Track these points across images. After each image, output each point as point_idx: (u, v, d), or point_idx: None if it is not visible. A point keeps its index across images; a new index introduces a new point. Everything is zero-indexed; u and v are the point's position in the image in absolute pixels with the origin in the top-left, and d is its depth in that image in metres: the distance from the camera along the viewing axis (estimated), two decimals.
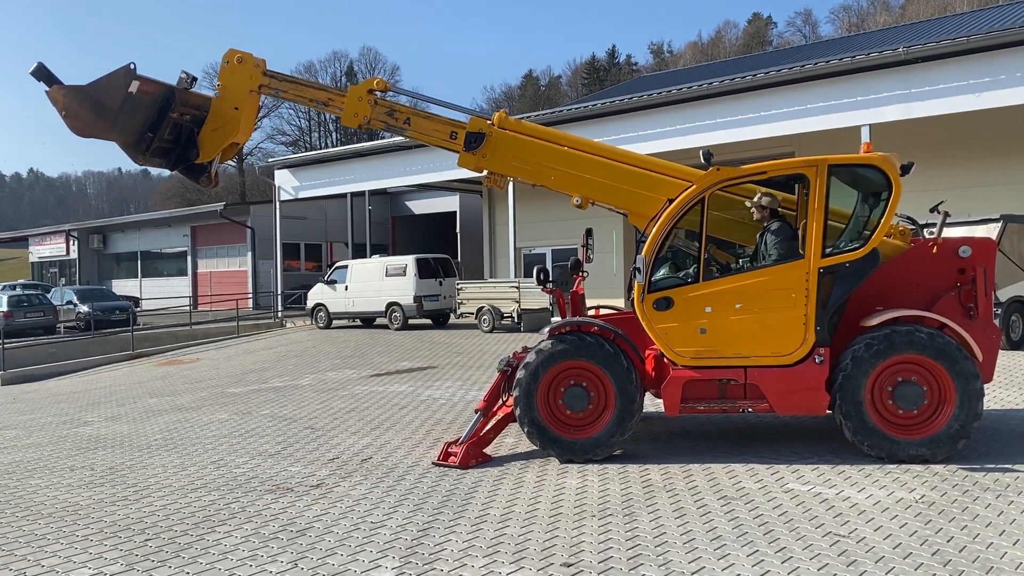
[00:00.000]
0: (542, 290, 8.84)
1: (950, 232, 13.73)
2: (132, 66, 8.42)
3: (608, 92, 44.21)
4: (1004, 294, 13.98)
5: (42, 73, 8.48)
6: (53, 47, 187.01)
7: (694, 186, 7.72)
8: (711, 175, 7.66)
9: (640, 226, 8.42)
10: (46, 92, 8.53)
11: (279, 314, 30.88)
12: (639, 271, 7.73)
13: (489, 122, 8.72)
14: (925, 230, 14.17)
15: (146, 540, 6.18)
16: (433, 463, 8.18)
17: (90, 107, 8.46)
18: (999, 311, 13.91)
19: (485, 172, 8.93)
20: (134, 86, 8.40)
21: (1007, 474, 6.95)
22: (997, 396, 10.48)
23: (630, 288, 8.02)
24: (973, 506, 6.16)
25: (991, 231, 14.04)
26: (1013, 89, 16.24)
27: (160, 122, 8.86)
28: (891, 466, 7.31)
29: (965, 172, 19.41)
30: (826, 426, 9.01)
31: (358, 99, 8.75)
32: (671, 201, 7.80)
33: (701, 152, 7.67)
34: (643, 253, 7.76)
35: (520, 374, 7.94)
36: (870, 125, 17.82)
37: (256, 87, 8.88)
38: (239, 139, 9.01)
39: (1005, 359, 13.34)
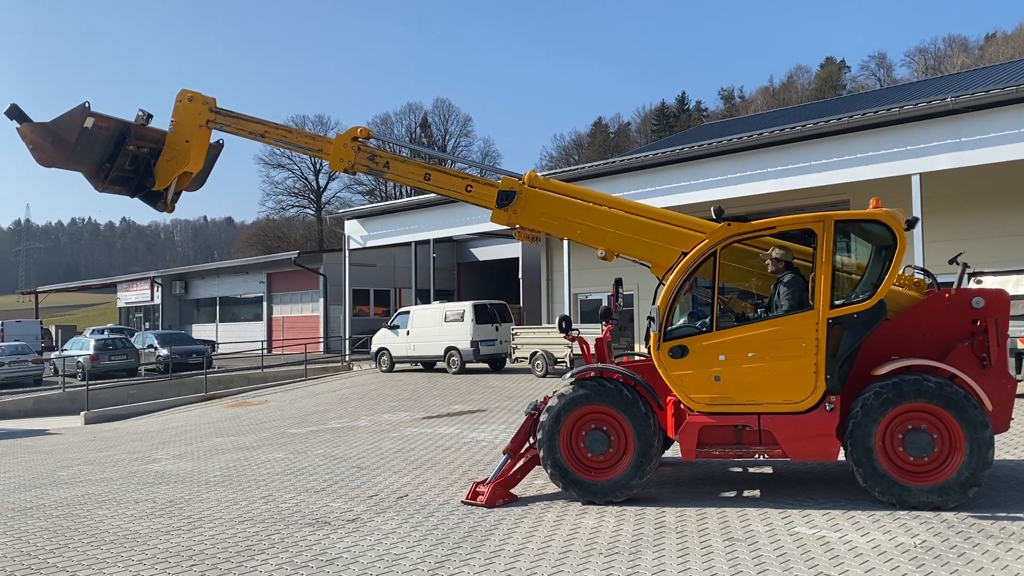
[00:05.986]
0: (565, 337, 9.30)
1: (999, 281, 13.69)
2: (87, 104, 9.37)
3: (671, 140, 44.67)
4: None
5: (14, 112, 9.42)
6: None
7: (706, 240, 8.11)
8: (722, 230, 8.05)
9: (660, 276, 8.82)
10: (17, 129, 9.45)
11: (347, 358, 31.90)
12: (653, 320, 8.14)
13: (520, 181, 9.29)
14: (974, 279, 14.13)
15: (192, 566, 6.81)
16: (462, 502, 8.65)
17: (51, 141, 9.40)
18: None
19: (517, 226, 9.48)
20: (89, 122, 9.35)
21: (1016, 523, 7.04)
22: None
23: (648, 336, 8.42)
24: (971, 552, 6.32)
25: None
26: None
27: (117, 154, 9.77)
28: (902, 512, 7.47)
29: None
30: (849, 472, 9.13)
31: (343, 145, 9.52)
32: (685, 254, 8.21)
33: (712, 209, 8.07)
34: (657, 303, 8.17)
35: (543, 418, 8.38)
36: (921, 174, 17.79)
37: (204, 122, 9.77)
38: (191, 168, 9.96)
39: None
